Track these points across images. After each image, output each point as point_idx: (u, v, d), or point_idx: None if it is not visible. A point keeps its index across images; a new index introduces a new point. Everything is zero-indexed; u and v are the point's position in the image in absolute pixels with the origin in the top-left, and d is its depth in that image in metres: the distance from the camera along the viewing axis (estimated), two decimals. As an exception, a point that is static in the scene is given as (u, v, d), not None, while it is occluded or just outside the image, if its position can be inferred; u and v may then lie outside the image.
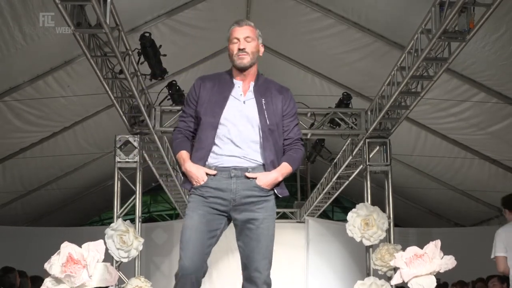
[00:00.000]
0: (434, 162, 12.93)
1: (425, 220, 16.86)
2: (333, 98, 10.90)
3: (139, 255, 9.38)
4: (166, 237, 16.69)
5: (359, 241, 9.44)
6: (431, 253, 4.99)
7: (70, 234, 12.73)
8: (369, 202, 9.83)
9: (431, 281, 4.91)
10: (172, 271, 16.85)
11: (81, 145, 12.35)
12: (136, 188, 9.75)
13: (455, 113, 10.53)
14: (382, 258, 9.11)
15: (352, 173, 12.98)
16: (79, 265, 4.23)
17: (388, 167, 10.06)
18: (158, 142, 10.56)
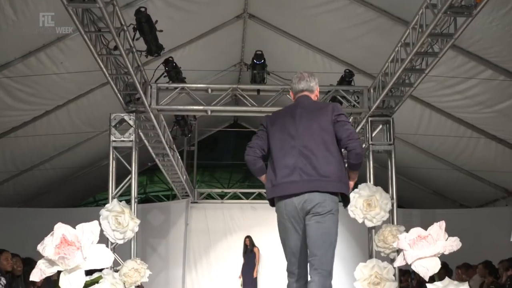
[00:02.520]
0: (439, 141, 12.93)
1: (429, 201, 16.90)
2: (334, 75, 10.87)
3: (135, 237, 9.41)
4: (162, 218, 16.74)
5: (361, 223, 9.46)
6: (435, 235, 4.99)
7: (64, 215, 12.74)
8: (372, 183, 9.84)
9: (436, 263, 4.91)
10: (169, 253, 17.05)
11: (75, 124, 12.34)
12: (131, 168, 9.76)
13: (460, 91, 10.52)
14: (385, 240, 9.13)
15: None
16: (73, 247, 4.22)
17: (391, 146, 10.07)
18: (154, 120, 10.55)
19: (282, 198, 5.09)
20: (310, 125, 5.15)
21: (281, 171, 5.08)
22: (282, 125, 5.23)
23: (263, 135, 5.30)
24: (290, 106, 5.43)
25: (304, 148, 5.07)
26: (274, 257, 16.36)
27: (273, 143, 5.21)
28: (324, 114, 5.17)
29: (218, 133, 20.14)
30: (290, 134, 5.15)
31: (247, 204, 17.63)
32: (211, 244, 17.22)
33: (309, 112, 5.24)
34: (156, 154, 13.07)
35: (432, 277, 5.13)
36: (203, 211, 17.42)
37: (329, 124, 5.13)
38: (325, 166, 5.02)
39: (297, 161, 5.05)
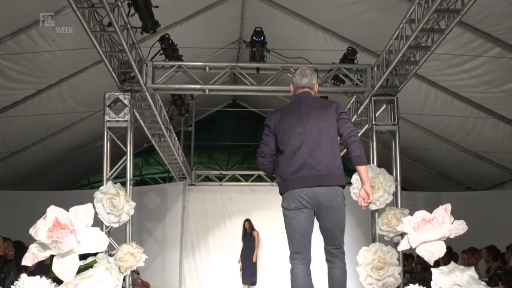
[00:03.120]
0: (445, 121, 12.93)
1: (434, 183, 16.92)
2: (337, 53, 10.84)
3: (130, 220, 9.43)
4: (159, 201, 16.76)
5: (364, 205, 9.49)
6: (440, 218, 5.00)
7: (57, 198, 12.79)
8: (375, 164, 9.84)
9: (441, 247, 4.92)
10: (165, 237, 17.10)
11: (68, 104, 12.32)
12: (126, 149, 9.75)
13: (467, 69, 10.50)
14: (389, 223, 9.15)
15: (357, 133, 12.97)
16: (67, 230, 4.23)
17: (395, 126, 10.06)
18: (150, 99, 10.54)
19: (293, 189, 5.64)
20: (317, 123, 5.69)
21: (291, 167, 5.65)
22: (290, 123, 5.75)
23: (270, 139, 5.85)
24: (294, 104, 5.91)
25: (313, 145, 5.63)
26: (274, 241, 16.42)
27: (282, 140, 5.74)
28: (330, 113, 5.73)
29: (216, 113, 20.12)
30: (299, 132, 5.68)
31: (246, 186, 17.66)
32: (209, 228, 17.26)
33: (315, 110, 5.78)
34: (152, 135, 13.07)
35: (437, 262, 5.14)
36: (200, 193, 17.45)
37: (334, 122, 5.72)
38: (331, 162, 5.62)
39: (306, 157, 5.60)
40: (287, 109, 5.91)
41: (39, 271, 8.11)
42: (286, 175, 5.68)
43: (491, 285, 9.43)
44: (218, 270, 16.97)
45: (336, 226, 5.72)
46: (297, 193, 5.61)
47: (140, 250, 8.97)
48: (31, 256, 4.23)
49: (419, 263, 13.98)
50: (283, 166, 5.73)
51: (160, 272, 16.13)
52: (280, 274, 16.54)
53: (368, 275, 8.91)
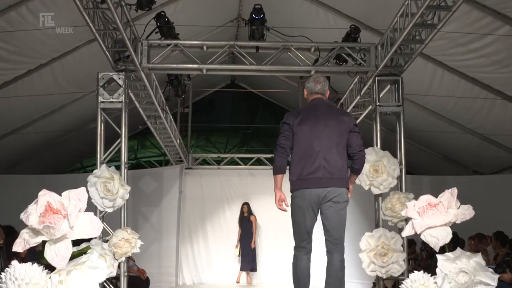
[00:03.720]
0: (451, 103, 12.92)
1: (440, 167, 16.94)
2: (339, 32, 10.82)
3: (125, 205, 9.44)
4: (155, 185, 16.78)
5: (367, 190, 9.49)
6: (446, 203, 5.00)
7: (49, 182, 12.77)
8: (379, 147, 9.85)
9: (447, 232, 4.92)
10: (162, 222, 17.09)
11: (60, 84, 12.30)
12: (121, 131, 9.75)
13: (475, 49, 10.48)
14: (393, 208, 9.16)
15: (360, 115, 12.97)
16: (59, 215, 4.23)
17: (400, 108, 10.05)
18: (145, 80, 10.52)
19: (307, 188, 6.54)
20: (332, 129, 6.60)
21: (307, 168, 6.52)
22: (309, 126, 6.62)
23: (289, 135, 6.67)
24: (311, 109, 6.79)
25: (328, 149, 6.54)
26: (273, 226, 16.45)
27: (300, 142, 6.61)
28: (345, 123, 6.65)
29: (214, 94, 20.10)
30: (316, 136, 6.57)
31: (245, 170, 17.67)
32: (207, 213, 17.29)
33: (332, 117, 6.69)
34: (148, 117, 13.06)
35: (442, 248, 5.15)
36: (198, 177, 17.46)
37: (347, 132, 6.62)
38: (341, 167, 6.59)
39: (321, 160, 6.51)
40: (306, 112, 6.76)
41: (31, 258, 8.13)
42: (302, 175, 6.54)
43: (499, 272, 9.46)
44: (216, 256, 17.01)
45: (339, 222, 6.60)
46: (308, 192, 6.52)
47: (135, 236, 8.98)
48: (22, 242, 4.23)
49: (424, 250, 14.02)
50: (299, 166, 6.58)
51: (156, 258, 16.16)
52: (279, 260, 16.61)
53: (371, 261, 8.93)
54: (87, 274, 4.55)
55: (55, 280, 4.45)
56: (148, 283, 13.82)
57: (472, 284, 5.02)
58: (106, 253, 7.95)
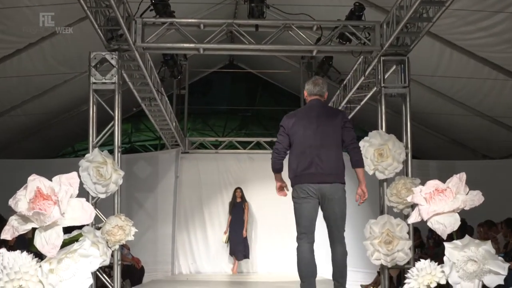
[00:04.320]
0: (460, 84, 12.90)
1: (448, 151, 16.94)
2: (343, 9, 10.79)
3: (118, 190, 9.43)
4: (149, 170, 16.78)
5: (371, 174, 9.49)
6: (454, 188, 5.00)
7: (39, 166, 12.77)
8: (384, 130, 9.83)
9: (454, 219, 4.93)
10: (157, 209, 17.11)
11: (50, 64, 12.27)
12: (114, 114, 9.72)
13: (486, 27, 10.44)
14: (398, 194, 9.17)
15: (364, 97, 12.96)
16: (50, 201, 4.23)
17: (406, 89, 10.03)
18: (139, 59, 10.50)
19: (304, 183, 7.30)
20: (325, 128, 7.36)
21: (301, 164, 7.31)
22: (302, 126, 7.40)
23: (284, 139, 7.46)
24: (306, 110, 7.61)
25: (320, 147, 7.29)
26: (271, 213, 16.48)
27: (295, 141, 7.39)
28: (337, 120, 7.41)
29: (212, 74, 20.07)
30: (309, 135, 7.34)
31: (244, 154, 17.68)
32: (204, 199, 17.31)
33: (324, 116, 7.45)
34: (142, 98, 13.04)
35: (450, 235, 5.16)
36: (195, 162, 17.48)
37: (339, 128, 7.39)
38: (335, 163, 7.33)
39: (314, 157, 7.27)
40: (300, 114, 7.56)
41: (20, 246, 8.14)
42: (297, 171, 7.32)
43: (508, 260, 9.47)
44: (214, 244, 17.05)
45: (338, 215, 7.34)
46: (306, 186, 7.26)
47: (129, 223, 8.98)
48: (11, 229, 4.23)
49: (431, 237, 14.03)
50: (295, 163, 7.38)
51: (151, 246, 16.19)
52: (276, 248, 16.66)
53: (376, 249, 8.95)
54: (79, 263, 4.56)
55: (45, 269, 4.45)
56: (143, 272, 13.83)
57: (481, 273, 5.03)
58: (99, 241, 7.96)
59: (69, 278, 4.51)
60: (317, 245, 7.44)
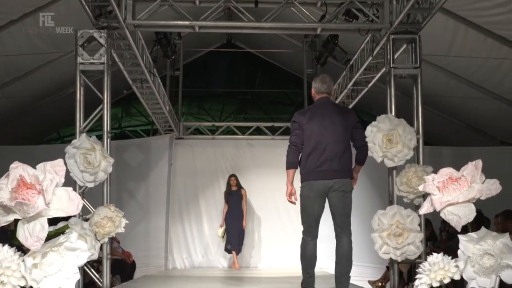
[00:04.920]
0: (476, 64, 12.88)
1: (462, 136, 16.94)
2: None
3: (108, 179, 9.44)
4: (141, 157, 16.80)
5: (380, 162, 9.48)
6: (469, 176, 5.00)
7: (22, 153, 12.79)
8: (393, 114, 9.82)
9: (469, 210, 4.92)
10: (149, 199, 17.13)
11: (34, 43, 12.24)
12: (103, 96, 9.72)
13: (504, 3, 10.42)
14: (409, 183, 9.16)
15: (372, 78, 12.94)
16: (33, 191, 4.23)
17: (417, 70, 10.02)
18: (130, 38, 10.48)
19: (315, 180, 8.06)
20: (337, 126, 8.11)
21: (314, 161, 8.05)
22: (315, 123, 8.11)
23: (300, 133, 8.15)
24: (318, 107, 8.32)
25: (332, 144, 8.03)
26: (271, 202, 16.49)
27: (308, 139, 8.10)
28: (348, 118, 8.24)
29: (208, 55, 20.06)
30: (321, 133, 8.06)
31: (243, 140, 17.68)
32: (200, 188, 17.32)
33: (336, 114, 8.21)
34: (133, 80, 13.03)
35: (465, 227, 5.15)
36: (190, 148, 17.48)
37: (350, 128, 8.20)
38: (345, 160, 8.11)
39: (326, 154, 8.02)
40: (312, 111, 8.29)
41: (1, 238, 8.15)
42: (310, 168, 8.06)
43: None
44: (211, 237, 17.06)
45: (345, 209, 8.12)
46: (316, 183, 8.03)
47: (119, 214, 9.00)
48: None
49: (444, 230, 14.05)
50: (306, 159, 8.11)
51: (143, 239, 16.23)
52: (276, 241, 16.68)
53: (385, 242, 8.95)
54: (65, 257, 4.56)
55: (28, 264, 4.45)
56: (134, 267, 13.89)
57: (498, 268, 5.03)
58: (87, 233, 7.97)
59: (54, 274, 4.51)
60: (320, 239, 8.22)
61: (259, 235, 17.19)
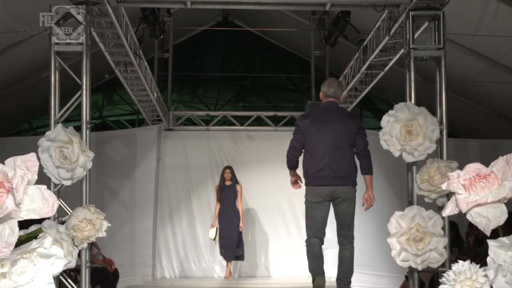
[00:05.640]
0: (508, 45, 12.88)
1: (492, 127, 16.95)
2: (363, -47, 10.76)
3: (87, 176, 9.44)
4: (126, 151, 16.80)
5: (397, 156, 9.48)
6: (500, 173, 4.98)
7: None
8: (413, 102, 9.82)
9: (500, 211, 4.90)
10: (135, 199, 17.22)
11: (2, 21, 12.25)
12: (82, 82, 9.71)
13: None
14: (431, 180, 9.16)
15: (389, 61, 12.95)
16: (1, 189, 4.22)
17: (440, 51, 10.00)
18: (112, 15, 10.47)
19: (316, 185, 9.00)
20: (339, 131, 9.04)
21: (314, 166, 9.02)
22: (317, 128, 9.06)
23: (301, 137, 9.12)
24: (321, 112, 9.35)
25: (334, 150, 8.99)
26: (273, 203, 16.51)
27: (309, 143, 9.07)
28: (351, 125, 9.11)
29: (202, 34, 20.04)
30: (322, 138, 9.00)
31: (242, 132, 17.70)
32: (193, 187, 17.35)
33: (339, 120, 9.12)
34: (116, 63, 13.02)
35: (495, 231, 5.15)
36: (181, 141, 17.50)
37: (353, 133, 9.08)
38: (347, 166, 9.06)
39: (327, 160, 8.96)
40: (315, 115, 9.35)
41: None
42: (310, 173, 9.06)
43: None
44: (205, 242, 17.06)
45: (348, 216, 9.12)
46: (319, 189, 8.97)
47: (100, 216, 9.01)
48: (-46, 224, 4.23)
49: (471, 234, 14.07)
50: (308, 164, 9.12)
51: (128, 245, 16.26)
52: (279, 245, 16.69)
53: (403, 248, 8.96)
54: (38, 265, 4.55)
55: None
56: (117, 277, 13.89)
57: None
58: (63, 238, 8.00)
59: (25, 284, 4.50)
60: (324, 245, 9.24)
61: (260, 241, 17.20)
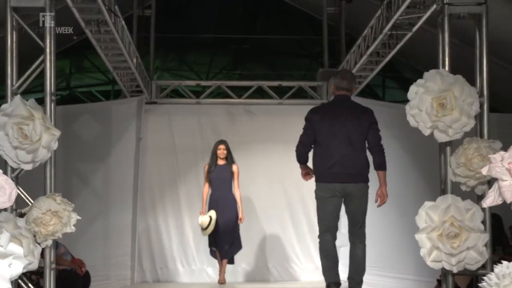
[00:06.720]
0: None
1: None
2: None
3: (52, 159, 9.43)
4: (99, 129, 16.73)
5: (428, 135, 9.45)
6: (553, 155, 4.99)
7: None
8: (447, 69, 9.78)
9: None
10: (110, 187, 17.23)
11: None
12: (45, 45, 9.69)
13: None
14: (468, 164, 9.13)
15: (419, 19, 12.89)
16: None
17: (481, 7, 9.95)
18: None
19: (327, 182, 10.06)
20: (351, 126, 9.98)
21: (325, 163, 9.98)
22: (328, 123, 10.02)
23: (311, 131, 10.08)
24: (332, 105, 10.65)
25: (345, 146, 9.92)
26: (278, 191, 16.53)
27: (320, 138, 10.02)
28: (363, 120, 10.06)
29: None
30: (334, 133, 9.95)
31: (239, 105, 17.66)
32: (180, 172, 17.35)
33: (351, 114, 10.09)
34: (87, 22, 12.97)
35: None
36: (166, 117, 17.49)
37: (366, 128, 10.03)
38: (359, 162, 10.02)
39: (338, 156, 9.91)
40: (326, 109, 10.72)
41: None
42: (321, 169, 10.05)
43: None
44: (194, 239, 17.03)
45: (360, 214, 10.10)
46: (330, 186, 9.98)
47: (68, 208, 9.01)
48: None
49: (511, 229, 14.10)
50: (319, 160, 10.10)
51: (102, 242, 16.25)
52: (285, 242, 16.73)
53: (435, 246, 8.95)
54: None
55: None
56: (89, 281, 13.89)
57: None
58: (23, 234, 8.00)
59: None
60: None
61: (262, 237, 17.18)
